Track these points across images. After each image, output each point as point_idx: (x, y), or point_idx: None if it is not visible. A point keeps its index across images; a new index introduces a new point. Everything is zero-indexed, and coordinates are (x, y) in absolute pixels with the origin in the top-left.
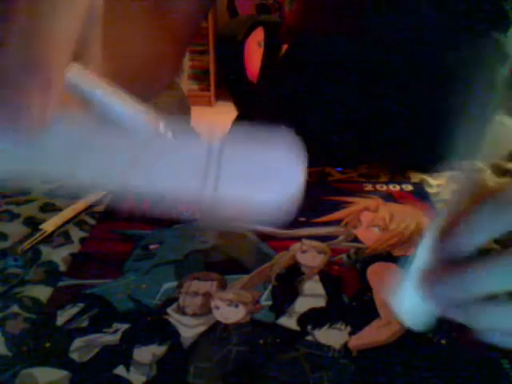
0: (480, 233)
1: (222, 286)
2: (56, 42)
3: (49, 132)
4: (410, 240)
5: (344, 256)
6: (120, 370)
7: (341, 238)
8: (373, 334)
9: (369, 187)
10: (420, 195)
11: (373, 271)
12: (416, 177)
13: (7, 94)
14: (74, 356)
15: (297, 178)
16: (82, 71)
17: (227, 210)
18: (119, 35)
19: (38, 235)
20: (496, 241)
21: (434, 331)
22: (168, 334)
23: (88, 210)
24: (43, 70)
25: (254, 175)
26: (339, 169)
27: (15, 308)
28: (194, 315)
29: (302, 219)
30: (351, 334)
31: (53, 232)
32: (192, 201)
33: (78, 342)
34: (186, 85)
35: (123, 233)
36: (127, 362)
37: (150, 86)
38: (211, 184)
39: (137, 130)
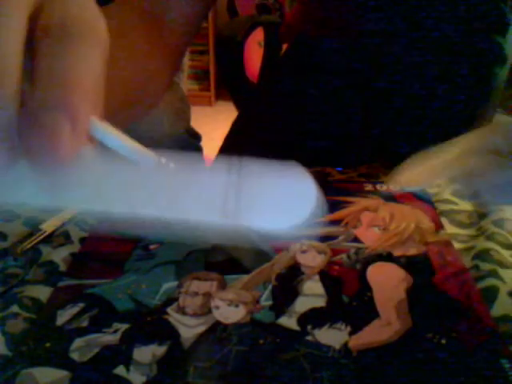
0: None
1: (222, 286)
2: (83, 87)
3: (78, 164)
4: (409, 240)
5: (344, 256)
6: (120, 370)
7: (341, 238)
8: (373, 334)
9: (369, 187)
10: (420, 195)
11: (373, 271)
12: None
13: (40, 129)
14: (74, 356)
15: (312, 202)
16: (95, 120)
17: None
18: (111, 50)
19: (37, 235)
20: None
21: (434, 331)
22: (168, 333)
23: None
24: (73, 109)
25: (271, 204)
26: (339, 169)
27: (15, 308)
28: (194, 315)
29: None
30: (351, 333)
31: (53, 232)
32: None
33: (78, 342)
34: (186, 85)
35: (123, 233)
36: (127, 362)
37: (144, 100)
38: (232, 216)
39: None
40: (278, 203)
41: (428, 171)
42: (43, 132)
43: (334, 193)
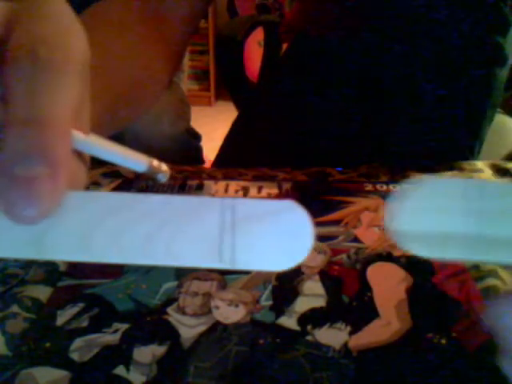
0: None
1: (222, 286)
2: (58, 123)
3: (60, 212)
4: None
5: (344, 256)
6: (120, 370)
7: (341, 237)
8: (373, 334)
9: (369, 187)
10: None
11: (373, 271)
12: (416, 177)
13: (17, 183)
14: (74, 356)
15: (308, 241)
16: (80, 136)
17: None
18: (112, 49)
19: None
20: None
21: (434, 331)
22: (168, 334)
23: None
24: (50, 155)
25: (268, 243)
26: (339, 169)
27: (15, 308)
28: (194, 315)
29: None
30: (351, 333)
31: None
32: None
33: (78, 342)
34: (186, 85)
35: None
36: (127, 361)
37: (143, 98)
38: (228, 257)
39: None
40: (276, 244)
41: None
42: (20, 184)
43: (334, 193)
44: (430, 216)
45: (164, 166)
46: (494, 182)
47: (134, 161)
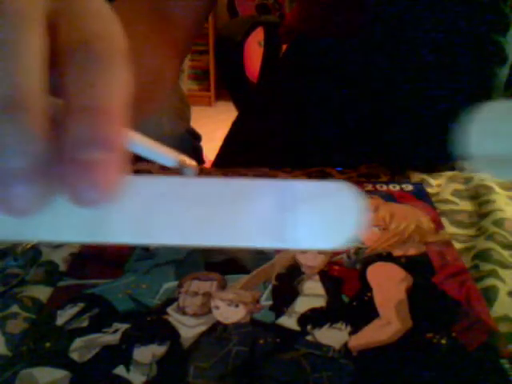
0: None
1: (222, 286)
2: (116, 112)
3: (119, 196)
4: (409, 240)
5: (344, 256)
6: (120, 370)
7: None
8: (373, 334)
9: (369, 187)
10: (420, 195)
11: (373, 271)
12: (416, 177)
13: (82, 167)
14: (74, 356)
15: (363, 215)
16: (130, 134)
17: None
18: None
19: None
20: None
21: (434, 331)
22: (168, 333)
23: None
24: (111, 141)
25: (327, 222)
26: (339, 169)
27: (15, 308)
28: (194, 315)
29: None
30: (351, 333)
31: None
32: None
33: (78, 342)
34: (186, 85)
35: None
36: (127, 361)
37: (151, 99)
38: (289, 236)
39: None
40: (327, 222)
41: None
42: (83, 169)
43: None
44: (501, 139)
45: (193, 162)
46: None
47: (165, 156)
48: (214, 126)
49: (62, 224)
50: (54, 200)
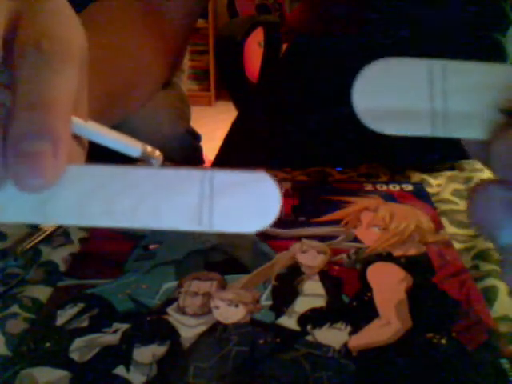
0: None
1: (222, 286)
2: (60, 107)
3: (61, 183)
4: (409, 240)
5: (344, 256)
6: (120, 370)
7: (341, 237)
8: (373, 334)
9: (369, 187)
10: (420, 195)
11: (373, 271)
12: (416, 177)
13: (24, 158)
14: (74, 356)
15: (277, 204)
16: (79, 121)
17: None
18: (111, 44)
19: (37, 235)
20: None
21: (434, 331)
22: (168, 333)
23: None
24: (53, 134)
25: (242, 208)
26: (339, 169)
27: (15, 308)
28: (194, 315)
29: (302, 219)
30: (351, 333)
31: (53, 232)
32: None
33: (78, 342)
34: (186, 85)
35: (123, 233)
36: (127, 361)
37: (139, 93)
38: (206, 221)
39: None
40: (249, 209)
41: None
42: (27, 159)
43: (334, 193)
44: (395, 94)
45: (157, 152)
46: (457, 61)
47: (129, 146)
48: (214, 125)
49: (10, 205)
50: (4, 185)
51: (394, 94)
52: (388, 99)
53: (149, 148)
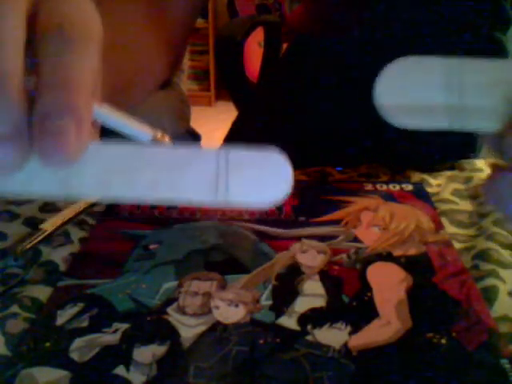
0: None
1: (222, 286)
2: (83, 87)
3: (83, 159)
4: (409, 240)
5: (344, 256)
6: (120, 370)
7: (341, 237)
8: (373, 334)
9: (369, 187)
10: (420, 195)
11: (373, 271)
12: (416, 177)
13: (49, 135)
14: (74, 356)
15: (289, 179)
16: (94, 105)
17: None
18: (114, 37)
19: (37, 235)
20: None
21: (434, 331)
22: (168, 333)
23: (88, 209)
24: (76, 112)
25: (256, 182)
26: (339, 169)
27: (15, 308)
28: (194, 315)
29: (302, 219)
30: (351, 333)
31: (53, 232)
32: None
33: (78, 342)
34: (186, 85)
35: (123, 233)
36: (127, 362)
37: (139, 88)
38: (222, 192)
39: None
40: (261, 181)
41: None
42: (52, 136)
43: (334, 193)
44: (415, 91)
45: (167, 138)
46: (472, 58)
47: (139, 130)
48: (214, 125)
49: (35, 180)
50: (29, 160)
51: (414, 91)
52: (408, 95)
53: (159, 133)
